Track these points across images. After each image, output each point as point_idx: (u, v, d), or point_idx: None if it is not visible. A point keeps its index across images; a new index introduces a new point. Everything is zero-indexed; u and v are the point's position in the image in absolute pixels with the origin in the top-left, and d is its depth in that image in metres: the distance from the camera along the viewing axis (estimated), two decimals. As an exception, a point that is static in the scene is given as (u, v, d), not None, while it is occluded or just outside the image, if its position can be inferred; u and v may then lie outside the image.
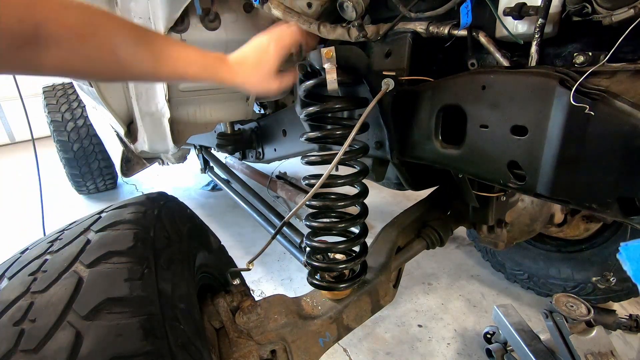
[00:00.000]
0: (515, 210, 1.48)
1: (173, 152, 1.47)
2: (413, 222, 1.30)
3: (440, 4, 0.85)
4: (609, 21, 0.64)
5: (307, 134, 0.98)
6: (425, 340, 1.79)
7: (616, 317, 1.43)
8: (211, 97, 1.39)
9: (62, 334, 0.53)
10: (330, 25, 1.11)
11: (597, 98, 0.63)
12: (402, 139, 1.04)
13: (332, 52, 0.83)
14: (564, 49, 0.81)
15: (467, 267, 2.36)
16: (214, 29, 1.20)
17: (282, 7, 1.10)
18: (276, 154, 1.88)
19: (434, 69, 1.02)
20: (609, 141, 0.64)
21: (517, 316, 1.50)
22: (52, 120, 3.19)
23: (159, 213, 0.86)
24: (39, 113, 3.60)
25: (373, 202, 3.26)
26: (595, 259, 1.78)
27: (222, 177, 2.58)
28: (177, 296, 0.71)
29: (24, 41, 0.48)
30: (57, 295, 0.59)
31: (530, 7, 0.72)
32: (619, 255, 0.62)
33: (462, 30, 0.88)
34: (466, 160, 0.88)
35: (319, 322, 0.98)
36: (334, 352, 1.72)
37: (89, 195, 3.72)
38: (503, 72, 0.77)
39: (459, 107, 0.86)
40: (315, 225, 1.00)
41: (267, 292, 2.19)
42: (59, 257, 0.67)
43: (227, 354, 0.84)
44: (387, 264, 1.13)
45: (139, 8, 1.08)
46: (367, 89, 0.99)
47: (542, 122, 0.71)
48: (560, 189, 0.72)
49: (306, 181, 0.97)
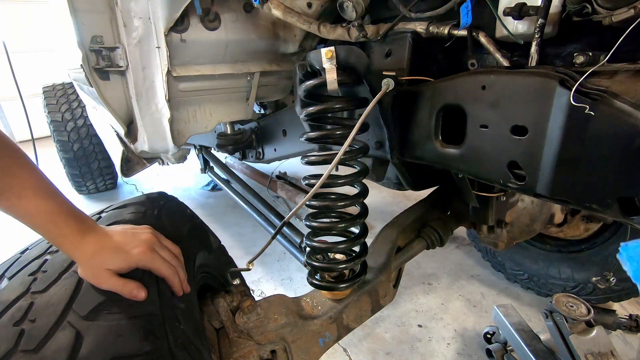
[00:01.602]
0: (515, 210, 1.48)
1: (173, 152, 1.47)
2: (413, 222, 1.30)
3: (440, 4, 0.85)
4: (609, 21, 0.64)
5: (307, 134, 0.98)
6: (425, 340, 1.79)
7: (616, 317, 1.42)
8: (211, 97, 1.39)
9: (62, 334, 0.53)
10: (330, 25, 1.11)
11: (597, 98, 0.63)
12: (402, 138, 1.04)
13: (332, 52, 0.83)
14: (564, 49, 0.81)
15: (467, 267, 2.36)
16: (214, 29, 1.20)
17: (282, 7, 1.10)
18: (276, 154, 1.88)
19: (434, 69, 1.02)
20: (609, 141, 0.63)
21: (517, 316, 1.50)
22: (52, 120, 3.19)
23: (159, 213, 0.86)
24: (39, 113, 3.60)
25: (373, 202, 3.26)
26: (595, 259, 1.78)
27: (222, 177, 2.58)
28: (177, 296, 0.71)
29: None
30: (57, 295, 0.59)
31: (530, 7, 0.72)
32: (619, 255, 0.62)
33: (462, 30, 0.88)
34: (466, 160, 0.88)
35: (319, 322, 0.98)
36: (334, 352, 1.72)
37: (89, 195, 3.72)
38: (503, 72, 0.77)
39: (459, 107, 0.86)
40: (315, 225, 1.00)
41: (267, 292, 2.19)
42: (59, 257, 0.67)
43: (227, 354, 0.84)
44: (387, 264, 1.13)
45: (139, 8, 1.08)
46: (367, 89, 0.99)
47: (542, 122, 0.71)
48: (560, 189, 0.72)
49: (306, 181, 0.97)
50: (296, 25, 1.14)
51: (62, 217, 0.62)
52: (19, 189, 0.58)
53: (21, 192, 0.58)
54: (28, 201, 0.59)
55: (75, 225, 0.63)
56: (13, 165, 0.59)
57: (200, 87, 1.30)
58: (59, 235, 0.62)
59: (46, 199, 0.61)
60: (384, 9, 1.10)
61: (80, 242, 0.63)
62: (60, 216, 0.62)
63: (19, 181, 0.59)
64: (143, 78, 1.19)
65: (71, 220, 0.63)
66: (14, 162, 0.60)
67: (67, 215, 0.63)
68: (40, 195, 0.60)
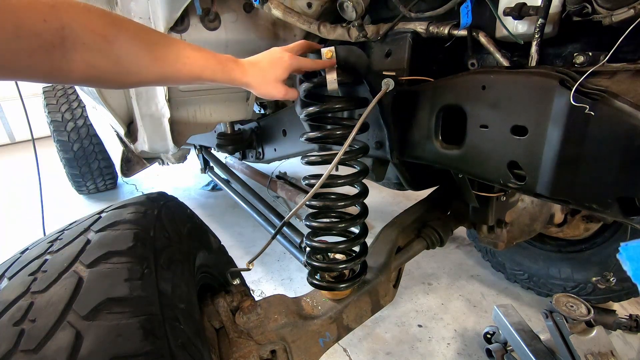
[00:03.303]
0: (515, 210, 1.48)
1: (173, 152, 1.47)
2: (413, 222, 1.30)
3: (440, 4, 0.85)
4: (609, 21, 0.64)
5: (307, 134, 0.98)
6: (425, 340, 1.79)
7: (616, 317, 1.42)
8: (211, 97, 1.39)
9: (62, 334, 0.53)
10: (330, 25, 1.11)
11: (597, 98, 0.63)
12: (402, 139, 1.04)
13: (332, 52, 0.83)
14: (564, 49, 0.81)
15: (467, 267, 2.36)
16: (214, 29, 1.20)
17: (282, 7, 1.10)
18: (276, 154, 1.88)
19: (434, 69, 1.02)
20: (609, 141, 0.64)
21: (517, 316, 1.50)
22: (52, 120, 3.19)
23: (159, 213, 0.86)
24: (39, 113, 3.60)
25: (373, 202, 3.26)
26: (595, 259, 1.78)
27: (222, 177, 2.58)
28: (177, 296, 0.71)
29: (52, 44, 0.49)
30: (57, 295, 0.59)
31: (530, 7, 0.72)
32: (619, 255, 0.62)
33: (462, 30, 0.88)
34: (466, 160, 0.88)
35: (319, 322, 0.98)
36: (334, 352, 1.72)
37: (89, 195, 3.72)
38: (503, 72, 0.77)
39: (459, 107, 0.86)
40: (315, 225, 1.00)
41: (267, 292, 2.19)
42: (59, 257, 0.67)
43: (227, 354, 0.84)
44: (387, 264, 1.13)
45: (139, 8, 1.08)
46: (367, 89, 0.99)
47: (542, 122, 0.71)
48: (560, 189, 0.72)
49: (306, 181, 0.97)
50: (296, 25, 1.14)
51: (221, 58, 0.73)
52: (183, 53, 0.67)
53: (185, 52, 0.67)
54: (194, 58, 0.68)
55: (232, 60, 0.76)
56: (162, 37, 0.66)
57: (200, 87, 1.31)
58: (229, 71, 0.74)
59: (199, 50, 0.70)
60: (384, 9, 1.10)
61: (245, 70, 0.77)
62: (218, 58, 0.73)
63: (178, 46, 0.67)
64: (143, 78, 1.19)
65: (226, 59, 0.75)
66: (160, 35, 0.67)
67: (221, 57, 0.74)
68: (195, 48, 0.70)
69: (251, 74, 0.78)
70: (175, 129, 1.35)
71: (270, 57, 0.81)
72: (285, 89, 0.82)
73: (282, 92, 0.82)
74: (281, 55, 0.81)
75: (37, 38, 0.47)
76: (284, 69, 0.80)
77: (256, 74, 0.78)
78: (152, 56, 0.63)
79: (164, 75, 0.66)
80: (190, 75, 0.69)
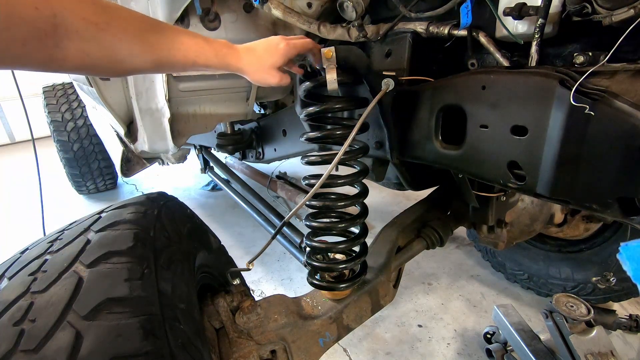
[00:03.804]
0: (515, 210, 1.48)
1: (173, 152, 1.47)
2: (413, 222, 1.30)
3: (440, 4, 0.85)
4: (609, 21, 0.64)
5: (307, 134, 0.98)
6: (425, 340, 1.79)
7: (616, 317, 1.42)
8: (211, 97, 1.39)
9: (62, 334, 0.53)
10: (330, 25, 1.11)
11: (597, 98, 0.63)
12: (402, 139, 1.04)
13: (332, 52, 0.83)
14: (564, 49, 0.81)
15: (467, 267, 2.36)
16: (214, 29, 1.20)
17: (282, 7, 1.10)
18: (276, 154, 1.88)
19: (434, 69, 1.02)
20: (609, 141, 0.64)
21: (517, 316, 1.50)
22: (52, 120, 3.19)
23: (159, 213, 0.86)
24: (39, 113, 3.60)
25: (373, 202, 3.26)
26: (595, 259, 1.78)
27: (222, 177, 2.58)
28: (177, 296, 0.71)
29: (44, 32, 0.49)
30: (57, 295, 0.59)
31: (530, 7, 0.72)
32: (619, 255, 0.62)
33: (462, 30, 0.88)
34: (466, 160, 0.88)
35: (319, 322, 0.98)
36: (334, 352, 1.72)
37: (89, 195, 3.72)
38: (503, 72, 0.77)
39: (459, 107, 0.86)
40: (315, 225, 1.00)
41: (267, 292, 2.19)
42: (59, 257, 0.67)
43: (227, 354, 0.84)
44: (387, 264, 1.13)
45: (139, 8, 1.08)
46: (367, 89, 0.99)
47: (542, 122, 0.71)
48: (560, 189, 0.72)
49: (306, 181, 0.97)
50: (296, 25, 1.14)
51: (215, 44, 0.73)
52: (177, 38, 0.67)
53: (179, 38, 0.67)
54: (188, 44, 0.68)
55: (227, 46, 0.76)
56: (156, 24, 0.66)
57: (200, 87, 1.31)
58: (223, 56, 0.74)
59: (194, 36, 0.70)
60: (384, 9, 1.10)
61: (240, 55, 0.77)
62: (213, 43, 0.73)
63: (172, 32, 0.67)
64: (143, 78, 1.19)
65: (221, 45, 0.75)
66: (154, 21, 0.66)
67: (215, 42, 0.74)
68: (189, 34, 0.70)
69: (246, 60, 0.78)
70: (175, 129, 1.35)
71: (267, 44, 0.82)
72: (279, 75, 0.83)
73: (276, 78, 0.82)
74: (278, 42, 0.82)
75: (29, 26, 0.47)
76: (280, 55, 0.81)
77: (251, 60, 0.79)
78: (145, 42, 0.62)
79: (159, 61, 0.66)
80: (185, 61, 0.69)
